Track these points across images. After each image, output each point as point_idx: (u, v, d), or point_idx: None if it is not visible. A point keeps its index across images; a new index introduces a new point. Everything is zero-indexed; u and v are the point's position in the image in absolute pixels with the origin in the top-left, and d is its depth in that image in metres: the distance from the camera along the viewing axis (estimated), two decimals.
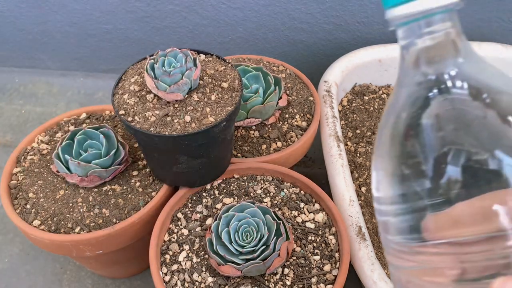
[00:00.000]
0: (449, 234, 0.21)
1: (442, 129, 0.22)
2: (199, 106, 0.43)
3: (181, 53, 0.44)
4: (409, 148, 0.23)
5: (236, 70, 0.47)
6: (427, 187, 0.22)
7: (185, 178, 0.48)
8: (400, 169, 0.24)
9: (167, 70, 0.43)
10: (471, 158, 0.21)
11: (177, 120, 0.42)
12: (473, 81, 0.23)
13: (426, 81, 0.24)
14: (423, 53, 0.24)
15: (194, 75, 0.43)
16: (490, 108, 0.22)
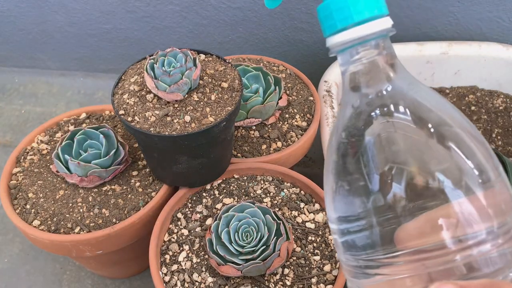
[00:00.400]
0: (413, 244, 0.23)
1: (384, 149, 0.24)
2: (199, 106, 0.43)
3: (181, 53, 0.44)
4: (354, 167, 0.25)
5: (236, 70, 0.47)
6: (376, 204, 0.24)
7: (185, 178, 0.48)
8: (351, 189, 0.25)
9: (167, 70, 0.43)
10: (413, 178, 0.23)
11: (177, 120, 0.42)
12: (408, 100, 0.25)
13: (365, 101, 0.26)
14: (356, 77, 0.26)
15: (194, 75, 0.43)
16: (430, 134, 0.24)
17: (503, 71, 0.69)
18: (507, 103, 0.70)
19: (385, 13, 0.25)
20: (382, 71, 0.25)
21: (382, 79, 0.25)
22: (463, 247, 0.22)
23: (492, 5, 0.67)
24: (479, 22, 0.69)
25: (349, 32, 0.24)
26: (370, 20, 0.24)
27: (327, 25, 0.25)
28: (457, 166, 0.23)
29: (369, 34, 0.24)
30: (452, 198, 0.22)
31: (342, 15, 0.24)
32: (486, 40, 0.70)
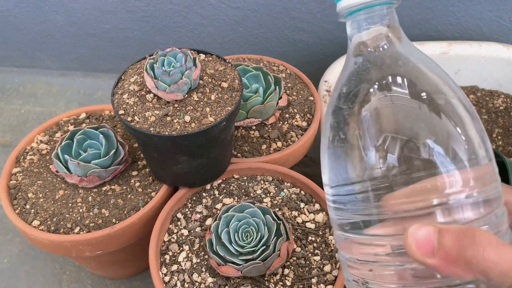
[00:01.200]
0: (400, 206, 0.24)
1: (380, 120, 0.25)
2: (199, 106, 0.43)
3: (181, 52, 0.44)
4: (351, 137, 0.26)
5: (236, 70, 0.47)
6: (368, 173, 0.25)
7: (185, 178, 0.48)
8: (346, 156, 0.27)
9: (167, 70, 0.42)
10: (408, 148, 0.24)
11: (176, 120, 0.42)
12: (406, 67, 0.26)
13: (364, 65, 0.27)
14: (363, 39, 0.27)
15: (194, 75, 0.43)
16: (424, 100, 0.25)
17: (503, 71, 0.69)
18: (507, 103, 0.70)
19: None
20: (385, 36, 0.27)
21: (384, 43, 0.27)
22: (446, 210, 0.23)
23: (492, 5, 0.67)
24: (479, 22, 0.69)
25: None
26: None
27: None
28: (448, 136, 0.24)
29: None
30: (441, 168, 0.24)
31: None
32: (487, 40, 0.70)
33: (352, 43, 0.28)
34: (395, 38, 0.27)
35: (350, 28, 0.28)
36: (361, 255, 0.26)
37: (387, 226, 0.25)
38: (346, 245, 0.28)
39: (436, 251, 0.21)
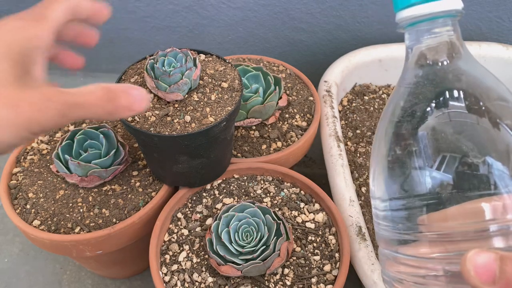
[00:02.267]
0: (441, 227, 0.23)
1: (437, 141, 0.25)
2: (199, 106, 0.43)
3: (181, 53, 0.44)
4: (408, 154, 0.25)
5: (236, 70, 0.47)
6: (423, 189, 0.24)
7: (185, 178, 0.48)
8: (401, 172, 0.26)
9: (167, 70, 0.42)
10: (464, 165, 0.23)
11: (177, 120, 0.42)
12: (465, 76, 0.25)
13: (425, 78, 0.26)
14: (424, 52, 0.26)
15: (194, 75, 0.43)
16: (483, 114, 0.24)
17: (503, 71, 0.69)
18: None
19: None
20: (448, 49, 0.26)
21: (447, 56, 0.26)
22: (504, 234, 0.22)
23: (492, 5, 0.67)
24: (479, 22, 0.69)
25: (421, 7, 0.25)
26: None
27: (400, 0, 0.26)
28: (508, 154, 0.23)
29: (440, 11, 0.25)
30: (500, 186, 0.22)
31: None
32: (486, 40, 0.70)
33: (412, 54, 0.27)
34: (456, 52, 0.26)
35: (410, 39, 0.27)
36: (410, 277, 0.25)
37: (437, 246, 0.24)
38: (393, 265, 0.27)
39: (498, 280, 0.20)
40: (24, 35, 0.28)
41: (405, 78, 0.28)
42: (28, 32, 0.28)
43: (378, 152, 0.28)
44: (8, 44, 0.27)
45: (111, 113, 0.28)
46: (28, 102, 0.25)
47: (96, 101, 0.28)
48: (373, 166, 0.28)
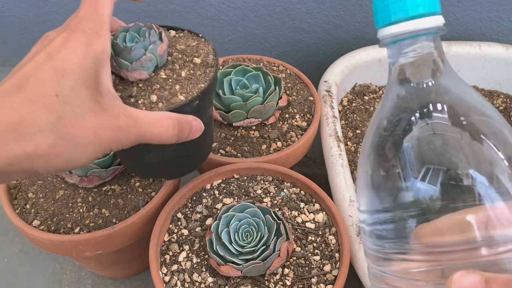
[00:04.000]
0: (432, 241, 0.23)
1: (421, 152, 0.25)
2: (167, 84, 0.38)
3: (145, 27, 0.40)
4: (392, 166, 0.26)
5: (210, 44, 0.43)
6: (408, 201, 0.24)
7: (160, 169, 0.45)
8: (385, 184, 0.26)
9: (128, 46, 0.38)
10: (448, 177, 0.23)
11: (141, 101, 0.37)
12: (449, 95, 0.26)
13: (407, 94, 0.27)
14: (406, 68, 0.27)
15: (159, 50, 0.38)
16: (466, 128, 0.24)
17: (503, 71, 0.69)
18: (507, 103, 0.70)
19: (438, 11, 0.26)
20: (430, 66, 0.26)
21: (429, 73, 0.26)
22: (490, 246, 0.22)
23: (492, 5, 0.67)
24: (479, 22, 0.69)
25: (402, 25, 0.25)
26: (424, 16, 0.25)
27: (381, 17, 0.27)
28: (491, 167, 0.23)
29: (421, 29, 0.25)
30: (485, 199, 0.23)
31: (397, 8, 0.25)
32: (486, 40, 0.70)
33: (394, 70, 0.27)
34: (438, 68, 0.26)
35: (392, 55, 0.27)
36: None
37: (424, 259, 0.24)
38: (380, 280, 0.27)
39: None
40: (92, 53, 0.29)
41: (389, 92, 0.28)
42: (94, 49, 0.29)
43: (363, 164, 0.28)
44: (81, 68, 0.28)
45: (173, 140, 0.33)
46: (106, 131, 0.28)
47: (166, 133, 0.32)
48: (358, 179, 0.28)
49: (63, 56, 0.28)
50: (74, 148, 0.27)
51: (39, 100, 0.26)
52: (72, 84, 0.27)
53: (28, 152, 0.25)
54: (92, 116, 0.28)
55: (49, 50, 0.28)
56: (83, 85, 0.28)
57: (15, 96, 0.26)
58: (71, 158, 0.27)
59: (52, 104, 0.26)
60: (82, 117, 0.27)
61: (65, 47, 0.28)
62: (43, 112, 0.26)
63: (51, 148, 0.26)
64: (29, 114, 0.26)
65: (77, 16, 0.30)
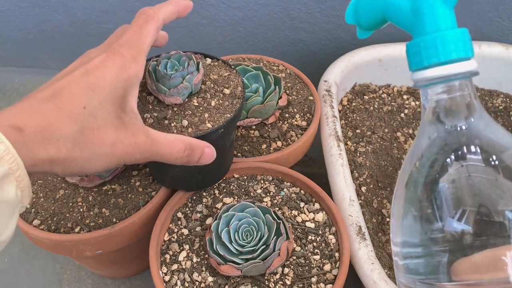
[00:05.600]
0: (469, 277, 0.24)
1: (457, 193, 0.25)
2: (198, 111, 0.43)
3: (185, 56, 0.44)
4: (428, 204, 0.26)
5: (240, 76, 0.47)
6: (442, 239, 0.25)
7: (182, 183, 0.49)
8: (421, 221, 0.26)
9: (168, 73, 0.42)
10: (483, 217, 0.24)
11: (174, 124, 0.41)
12: (482, 139, 0.26)
13: (442, 137, 0.27)
14: (440, 110, 0.27)
15: (195, 80, 0.43)
16: (500, 169, 0.25)
17: (503, 71, 0.69)
18: (507, 103, 0.70)
19: (470, 55, 0.26)
20: (463, 108, 0.27)
21: (461, 117, 0.27)
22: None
23: (491, 5, 0.67)
24: (478, 22, 0.69)
25: (435, 70, 0.26)
26: (456, 61, 0.26)
27: (413, 61, 0.27)
28: None
29: (453, 74, 0.26)
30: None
31: (429, 54, 0.26)
32: (486, 40, 0.70)
33: (428, 112, 0.28)
34: (472, 111, 0.27)
35: (425, 97, 0.28)
36: None
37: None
38: None
39: None
40: (125, 75, 0.32)
41: (424, 131, 0.28)
42: (128, 72, 0.32)
43: (399, 198, 0.28)
44: (112, 86, 0.31)
45: (182, 162, 0.35)
46: (123, 145, 0.31)
47: (177, 155, 0.34)
48: (394, 212, 0.29)
49: (99, 74, 0.30)
50: (91, 156, 0.29)
51: (67, 109, 0.28)
52: (101, 99, 0.30)
53: (51, 155, 0.27)
54: (113, 130, 0.30)
55: (88, 68, 0.30)
56: (110, 101, 0.30)
57: (47, 104, 0.28)
58: (86, 164, 0.29)
59: (79, 115, 0.29)
60: (103, 129, 0.30)
61: (102, 66, 0.31)
62: (68, 121, 0.28)
63: (70, 154, 0.28)
64: (56, 120, 0.28)
65: (120, 40, 0.34)
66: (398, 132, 0.66)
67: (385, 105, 0.69)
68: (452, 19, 0.26)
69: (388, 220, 0.56)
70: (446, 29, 0.26)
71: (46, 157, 0.27)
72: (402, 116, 0.68)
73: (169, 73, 0.42)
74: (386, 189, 0.60)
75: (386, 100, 0.70)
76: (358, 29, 0.36)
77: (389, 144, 0.64)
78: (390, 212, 0.29)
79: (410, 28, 0.28)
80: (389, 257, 0.51)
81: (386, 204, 0.58)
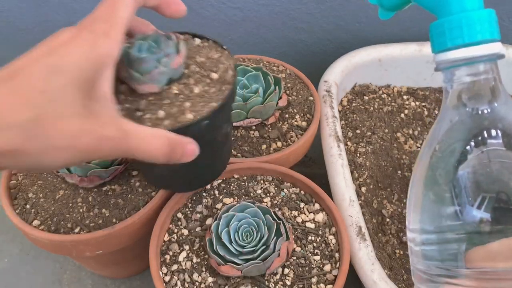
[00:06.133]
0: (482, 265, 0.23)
1: (477, 180, 0.25)
2: (177, 100, 0.36)
3: (164, 36, 0.37)
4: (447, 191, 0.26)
5: (233, 58, 0.40)
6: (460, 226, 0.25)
7: (169, 182, 0.45)
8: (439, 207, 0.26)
9: (141, 56, 0.35)
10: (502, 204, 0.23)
11: (148, 116, 0.35)
12: (505, 123, 0.25)
13: (463, 120, 0.26)
14: (463, 94, 0.26)
15: (173, 63, 0.36)
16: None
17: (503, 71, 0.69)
18: None
19: (496, 38, 0.26)
20: (486, 92, 0.26)
21: (485, 101, 0.26)
22: None
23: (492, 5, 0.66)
24: None
25: (459, 51, 0.25)
26: (481, 43, 0.25)
27: (437, 42, 0.26)
28: None
29: (478, 56, 0.25)
30: None
31: (454, 34, 0.25)
32: None
33: (450, 95, 0.27)
34: (496, 95, 0.26)
35: (447, 80, 0.27)
36: None
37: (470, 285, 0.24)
38: None
39: None
40: (94, 55, 0.27)
41: (444, 115, 0.27)
42: (98, 51, 0.27)
43: (416, 185, 0.28)
44: (78, 67, 0.26)
45: (163, 160, 0.30)
46: (88, 138, 0.26)
47: (156, 150, 0.29)
48: (410, 197, 0.28)
49: (63, 52, 0.26)
50: (47, 150, 0.25)
51: (23, 94, 0.24)
52: (63, 83, 0.25)
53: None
54: (76, 119, 0.26)
55: (52, 45, 0.26)
56: (75, 85, 0.26)
57: (2, 86, 0.24)
58: (41, 159, 0.25)
59: (35, 100, 0.24)
60: (64, 118, 0.25)
61: (68, 44, 0.26)
62: (22, 107, 0.24)
63: (21, 145, 0.24)
64: (8, 106, 0.24)
65: (93, 15, 0.29)
66: (398, 132, 0.66)
67: (385, 105, 0.69)
68: None
69: (388, 220, 0.56)
70: (472, 10, 0.25)
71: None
72: (402, 117, 0.68)
73: (142, 56, 0.35)
74: (386, 189, 0.60)
75: (386, 100, 0.69)
76: (380, 10, 0.35)
77: (389, 145, 0.64)
78: (408, 198, 0.29)
79: (435, 8, 0.27)
80: (389, 257, 0.51)
81: (386, 205, 0.58)
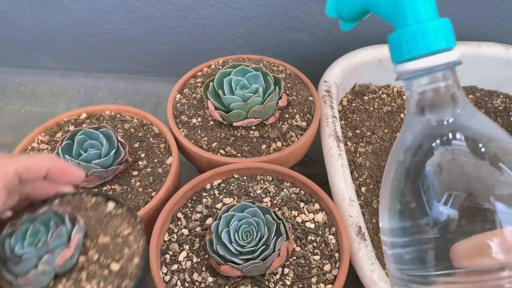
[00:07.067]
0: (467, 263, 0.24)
1: (443, 177, 0.25)
2: None
3: (58, 217, 0.31)
4: (413, 191, 0.26)
5: (144, 237, 0.32)
6: (429, 225, 0.25)
7: None
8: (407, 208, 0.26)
9: (17, 253, 0.29)
10: (468, 203, 0.24)
11: None
12: (468, 130, 0.26)
13: (427, 128, 0.27)
14: (425, 103, 0.27)
15: (59, 259, 0.29)
16: (484, 156, 0.25)
17: (502, 71, 0.69)
18: (506, 103, 0.70)
19: (452, 45, 0.26)
20: (445, 101, 0.27)
21: (445, 109, 0.27)
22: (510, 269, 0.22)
23: (491, 5, 0.67)
24: (478, 22, 0.69)
25: (416, 62, 0.26)
26: (437, 53, 0.25)
27: (394, 53, 0.27)
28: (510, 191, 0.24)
29: (435, 65, 0.26)
30: (504, 222, 0.23)
31: (410, 47, 0.26)
32: (486, 40, 0.70)
33: (411, 104, 0.28)
34: (455, 101, 0.27)
35: (408, 89, 0.28)
36: None
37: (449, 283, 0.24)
38: None
39: None
40: None
41: (408, 122, 0.28)
42: None
43: (385, 189, 0.28)
44: None
45: None
46: None
47: None
48: (381, 202, 0.29)
49: None
50: None
51: None
52: None
53: None
54: None
55: None
56: None
57: None
58: None
59: None
60: None
61: None
62: None
63: None
64: None
65: None
66: (398, 132, 0.66)
67: (385, 105, 0.69)
68: (433, 9, 0.26)
69: None
70: (427, 20, 0.26)
71: None
72: (402, 117, 0.68)
73: (19, 252, 0.29)
74: None
75: (386, 100, 0.70)
76: (341, 21, 0.35)
77: (389, 145, 0.64)
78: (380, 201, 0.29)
79: (392, 19, 0.27)
80: None
81: None
